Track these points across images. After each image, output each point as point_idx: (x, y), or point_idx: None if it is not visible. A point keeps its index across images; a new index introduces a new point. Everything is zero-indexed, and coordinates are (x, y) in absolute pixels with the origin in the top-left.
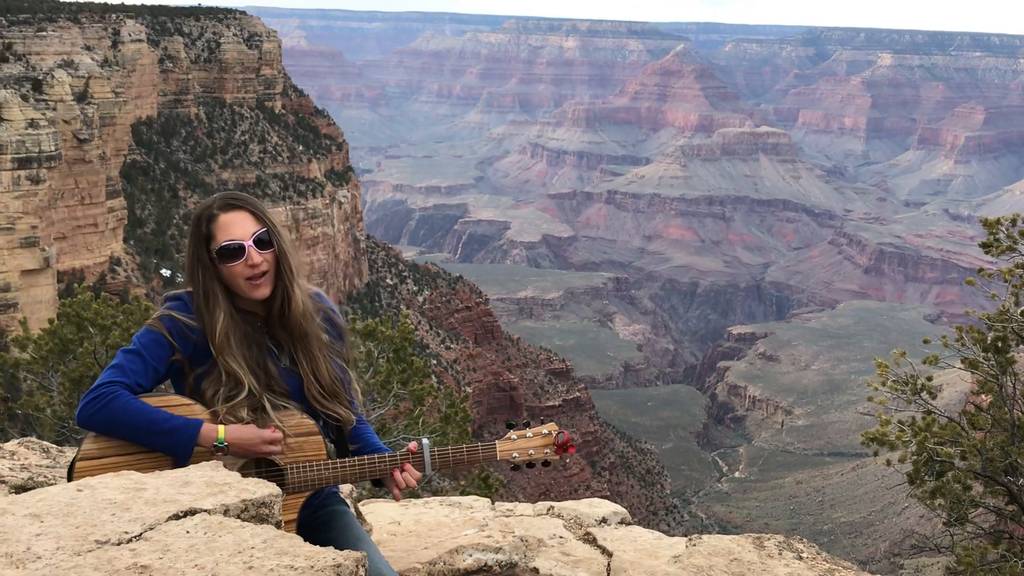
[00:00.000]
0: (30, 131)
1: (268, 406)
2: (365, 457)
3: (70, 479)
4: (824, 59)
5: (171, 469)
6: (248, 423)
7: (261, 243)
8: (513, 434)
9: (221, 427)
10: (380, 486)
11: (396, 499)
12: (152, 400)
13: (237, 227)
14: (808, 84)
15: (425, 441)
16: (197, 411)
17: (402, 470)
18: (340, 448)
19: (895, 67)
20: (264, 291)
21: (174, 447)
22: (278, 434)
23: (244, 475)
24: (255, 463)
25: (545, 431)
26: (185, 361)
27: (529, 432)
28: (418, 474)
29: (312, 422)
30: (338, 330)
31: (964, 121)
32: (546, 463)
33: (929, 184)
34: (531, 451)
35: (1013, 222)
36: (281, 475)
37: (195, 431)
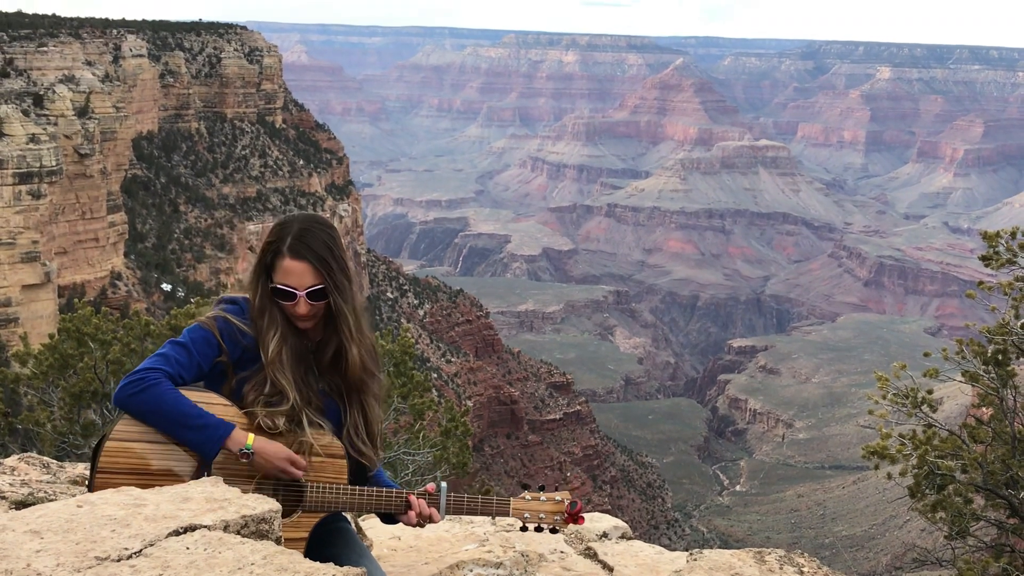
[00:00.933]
0: (31, 146)
1: (306, 421)
2: (383, 490)
3: (95, 459)
4: (823, 73)
5: (195, 464)
6: (280, 432)
7: (315, 295)
8: (528, 495)
9: (251, 435)
10: (389, 521)
11: (408, 523)
12: (191, 394)
13: (294, 277)
14: (807, 98)
15: (443, 485)
16: (232, 414)
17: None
18: (356, 479)
19: (894, 80)
20: (308, 325)
21: (202, 444)
22: (302, 460)
23: (262, 488)
24: (276, 476)
25: (558, 498)
26: (230, 364)
27: (543, 496)
28: (438, 514)
29: (340, 445)
30: (375, 368)
31: (963, 134)
32: (554, 530)
33: (928, 197)
34: (542, 515)
35: (1013, 235)
36: (301, 492)
37: (226, 432)
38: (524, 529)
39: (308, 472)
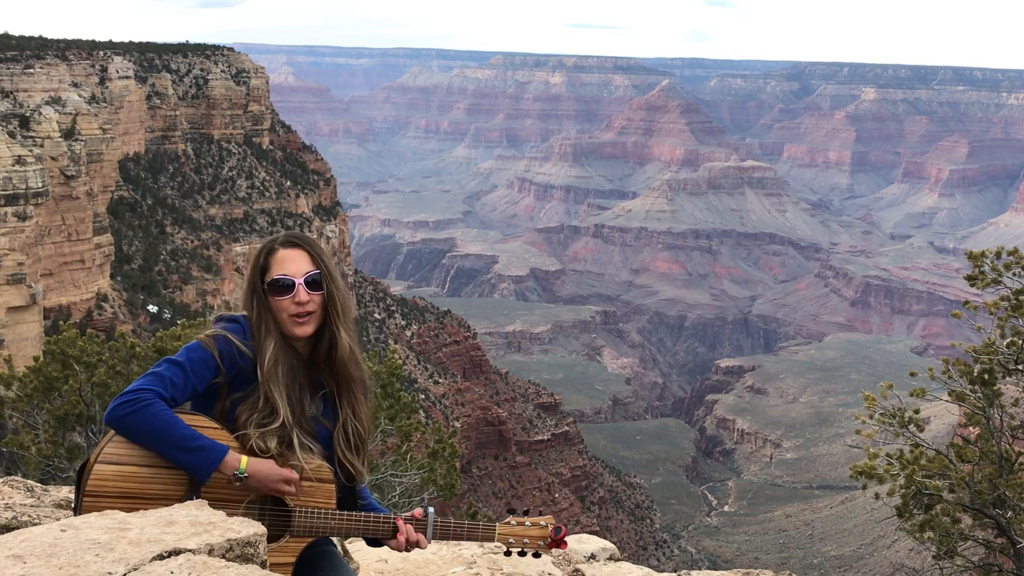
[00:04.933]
0: (17, 168)
1: (296, 442)
2: (371, 515)
3: (80, 482)
4: (808, 94)
5: (184, 488)
6: (272, 456)
7: (312, 284)
8: (513, 520)
9: (244, 458)
10: (376, 544)
11: (395, 548)
12: (181, 417)
13: (292, 264)
14: (793, 118)
15: (430, 510)
16: (222, 436)
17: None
18: (344, 503)
19: (879, 101)
20: (307, 329)
21: (196, 466)
22: (295, 475)
23: (249, 513)
24: (261, 500)
25: (543, 523)
26: (225, 385)
27: (528, 521)
28: (425, 540)
29: (329, 469)
30: (365, 383)
31: (948, 154)
32: (536, 555)
33: (914, 217)
34: (525, 540)
35: (998, 255)
36: (288, 517)
37: (220, 456)
38: (508, 554)
39: (298, 495)
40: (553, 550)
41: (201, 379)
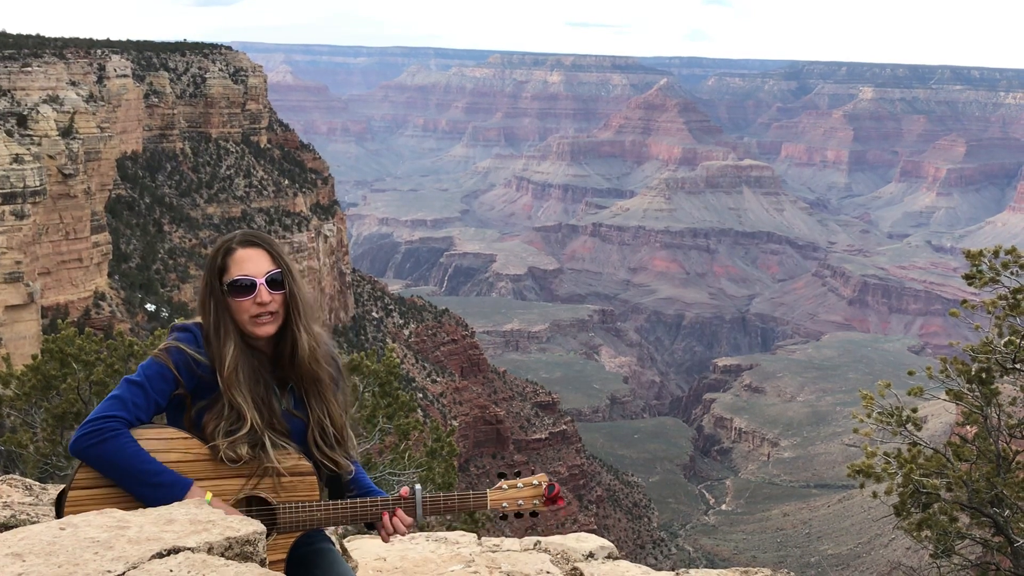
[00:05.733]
0: (15, 166)
1: (268, 444)
2: (357, 500)
3: (59, 507)
4: (806, 93)
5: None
6: (245, 460)
7: (273, 283)
8: (504, 484)
9: (209, 494)
10: (374, 529)
11: (384, 540)
12: (150, 432)
13: (251, 264)
14: (790, 117)
15: (418, 487)
16: (194, 446)
17: (393, 514)
18: (333, 492)
19: (876, 100)
20: (268, 329)
21: (158, 502)
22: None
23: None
24: (246, 501)
25: (535, 482)
26: (188, 395)
27: (520, 483)
28: (410, 520)
29: (308, 463)
30: (338, 375)
31: (946, 153)
32: (534, 514)
33: (912, 216)
34: (520, 501)
35: (995, 254)
36: (272, 514)
37: (182, 492)
38: (504, 518)
39: (279, 494)
40: (550, 507)
41: (161, 394)
